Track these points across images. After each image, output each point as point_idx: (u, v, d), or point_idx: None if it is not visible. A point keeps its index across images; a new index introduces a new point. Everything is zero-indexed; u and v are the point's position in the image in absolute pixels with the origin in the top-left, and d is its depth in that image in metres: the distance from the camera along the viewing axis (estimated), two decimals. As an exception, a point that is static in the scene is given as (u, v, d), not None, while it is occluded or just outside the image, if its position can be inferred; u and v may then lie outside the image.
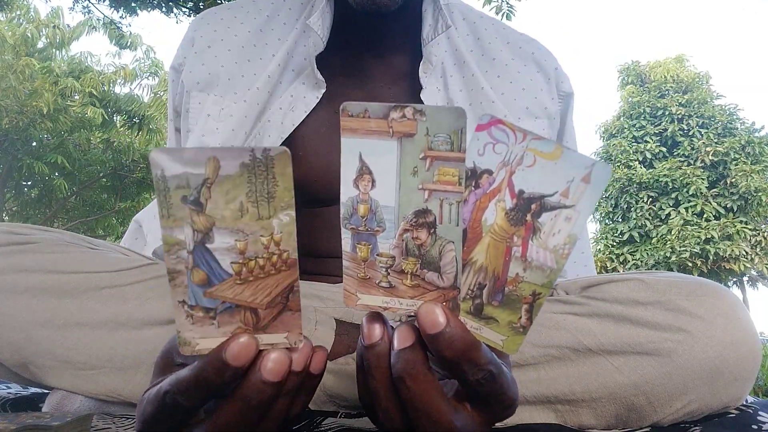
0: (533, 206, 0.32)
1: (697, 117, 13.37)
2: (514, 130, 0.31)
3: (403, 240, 0.32)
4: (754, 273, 12.65)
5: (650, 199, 12.83)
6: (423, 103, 0.64)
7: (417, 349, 0.32)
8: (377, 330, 0.32)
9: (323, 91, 0.72)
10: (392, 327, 0.34)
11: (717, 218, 12.15)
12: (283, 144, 0.69)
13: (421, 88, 0.72)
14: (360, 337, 0.34)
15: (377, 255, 0.33)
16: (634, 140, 13.79)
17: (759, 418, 0.52)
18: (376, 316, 0.33)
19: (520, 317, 0.33)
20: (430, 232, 0.32)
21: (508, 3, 3.94)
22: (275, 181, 0.30)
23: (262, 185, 0.30)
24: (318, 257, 0.69)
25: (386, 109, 0.30)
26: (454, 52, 0.76)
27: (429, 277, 0.33)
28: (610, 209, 13.49)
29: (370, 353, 0.32)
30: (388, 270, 0.33)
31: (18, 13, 9.06)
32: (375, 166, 0.31)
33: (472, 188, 0.32)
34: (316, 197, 0.70)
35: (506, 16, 3.91)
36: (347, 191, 0.32)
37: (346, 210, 0.32)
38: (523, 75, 0.77)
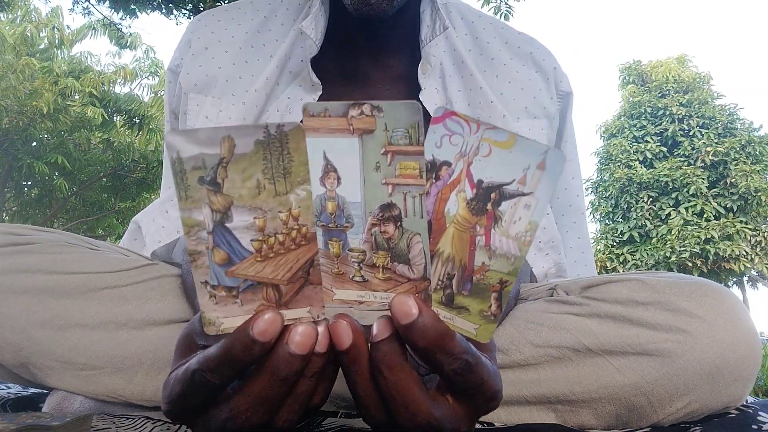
0: (493, 195, 0.32)
1: (697, 117, 13.37)
2: (468, 121, 0.32)
3: (372, 234, 0.33)
4: (754, 273, 12.66)
5: (650, 199, 12.83)
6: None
7: (393, 341, 0.32)
8: (345, 337, 0.32)
9: (320, 93, 0.72)
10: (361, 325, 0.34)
11: (717, 218, 12.15)
12: None
13: (420, 89, 0.72)
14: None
15: (348, 250, 0.34)
16: (634, 140, 13.79)
17: (759, 418, 0.52)
18: (342, 324, 0.33)
19: (490, 305, 0.34)
20: (396, 225, 0.33)
21: (506, 3, 3.94)
22: (290, 157, 0.30)
23: (278, 161, 0.30)
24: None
25: (345, 107, 0.31)
26: (453, 52, 0.76)
27: (400, 269, 0.34)
28: (610, 209, 13.49)
29: (345, 358, 0.33)
30: (361, 264, 0.34)
31: (18, 13, 9.07)
32: (339, 164, 0.32)
33: (433, 180, 0.33)
34: None
35: (504, 17, 3.90)
36: (315, 189, 0.32)
37: (315, 207, 0.33)
38: (522, 74, 0.77)
